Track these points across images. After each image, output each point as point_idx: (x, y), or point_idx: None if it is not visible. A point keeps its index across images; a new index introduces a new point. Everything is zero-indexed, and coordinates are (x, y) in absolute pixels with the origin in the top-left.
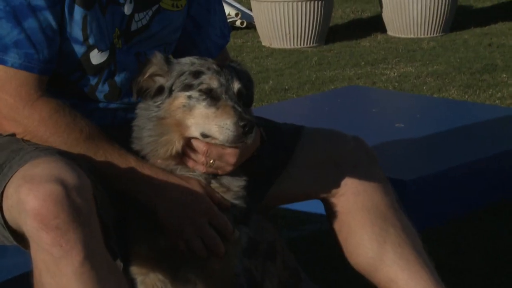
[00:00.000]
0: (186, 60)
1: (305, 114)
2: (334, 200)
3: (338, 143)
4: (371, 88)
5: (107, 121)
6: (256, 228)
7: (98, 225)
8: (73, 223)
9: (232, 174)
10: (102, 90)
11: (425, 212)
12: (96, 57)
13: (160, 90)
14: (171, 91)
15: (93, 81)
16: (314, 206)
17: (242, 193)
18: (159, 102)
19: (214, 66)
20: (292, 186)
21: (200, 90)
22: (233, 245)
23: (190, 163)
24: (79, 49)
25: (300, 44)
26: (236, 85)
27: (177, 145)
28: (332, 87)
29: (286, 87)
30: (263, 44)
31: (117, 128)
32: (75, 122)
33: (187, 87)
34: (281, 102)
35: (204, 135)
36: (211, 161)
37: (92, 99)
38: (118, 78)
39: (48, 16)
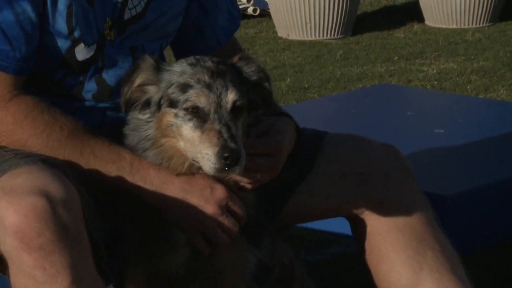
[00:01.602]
0: (178, 67)
1: (328, 117)
2: (361, 218)
3: (366, 151)
4: (406, 87)
5: (95, 122)
6: (269, 251)
7: (88, 244)
8: (59, 243)
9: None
10: (89, 89)
11: (468, 232)
12: (82, 52)
13: (148, 102)
14: (159, 105)
15: (78, 79)
16: (338, 225)
17: (252, 208)
18: (148, 116)
19: (205, 77)
20: (312, 201)
21: (185, 109)
22: (241, 266)
23: None
24: (63, 44)
25: (323, 36)
26: (230, 98)
27: (187, 166)
28: (360, 85)
29: (306, 85)
30: (279, 35)
31: (107, 127)
32: (55, 120)
33: (174, 103)
34: (300, 103)
35: (195, 161)
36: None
37: (79, 99)
38: (107, 75)
39: (27, 7)
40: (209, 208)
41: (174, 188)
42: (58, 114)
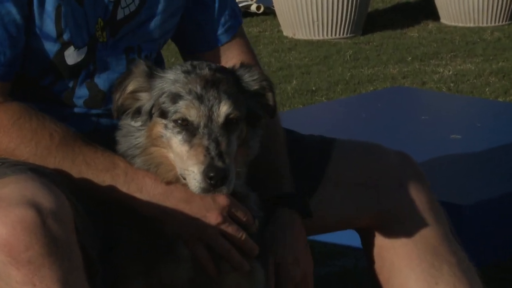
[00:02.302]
0: (171, 74)
1: (336, 122)
2: (372, 230)
3: (378, 159)
4: (420, 90)
5: (87, 129)
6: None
7: (80, 258)
8: (49, 256)
9: (246, 203)
10: (81, 95)
11: (486, 244)
12: (72, 56)
13: (139, 110)
14: (151, 114)
15: (68, 85)
16: (348, 237)
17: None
18: (139, 124)
19: (197, 88)
20: (321, 213)
21: (174, 121)
22: (249, 284)
23: None
24: (51, 48)
25: (331, 35)
26: (223, 111)
27: (173, 175)
28: (371, 88)
29: (313, 88)
30: (284, 34)
31: (100, 134)
32: (44, 126)
33: (164, 113)
34: (306, 107)
35: (183, 178)
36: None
37: (70, 106)
38: (99, 80)
39: (11, 9)
40: (211, 217)
41: (173, 198)
42: (48, 121)
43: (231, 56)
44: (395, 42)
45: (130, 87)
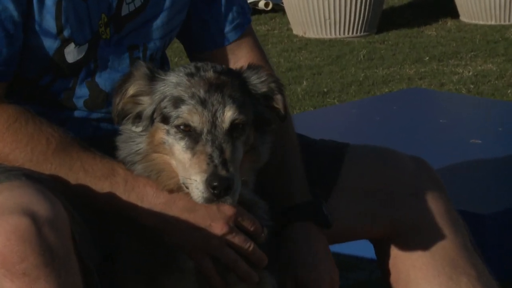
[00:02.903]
0: (174, 76)
1: (349, 125)
2: (387, 240)
3: (392, 165)
4: (438, 92)
5: (87, 134)
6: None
7: (78, 269)
8: (45, 268)
9: (254, 211)
10: (81, 94)
11: (508, 256)
12: (72, 54)
13: (140, 115)
14: (152, 119)
15: (68, 84)
16: (361, 249)
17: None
18: (141, 129)
19: (201, 92)
20: (333, 221)
21: (176, 126)
22: None
23: None
24: (51, 45)
25: (344, 33)
26: (227, 117)
27: (175, 182)
28: (386, 90)
29: (325, 89)
30: (294, 32)
31: (100, 139)
32: (40, 131)
33: (166, 118)
34: (318, 109)
35: (186, 187)
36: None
37: (69, 108)
38: (100, 79)
39: (8, 5)
40: (217, 227)
41: (176, 208)
42: (45, 125)
43: (240, 56)
44: (412, 41)
45: (131, 91)
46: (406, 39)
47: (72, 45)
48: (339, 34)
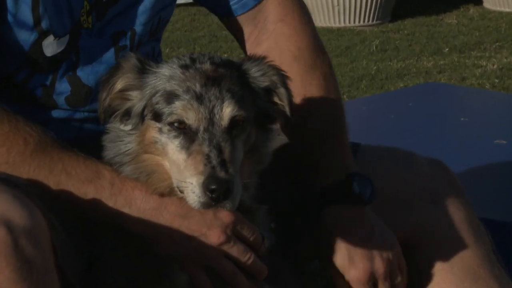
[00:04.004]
0: (167, 69)
1: (359, 124)
2: (403, 249)
3: (408, 169)
4: (459, 87)
5: (70, 136)
6: None
7: (58, 284)
8: (23, 282)
9: (255, 219)
10: (61, 90)
11: None
12: (52, 46)
13: (128, 112)
14: (143, 116)
15: (47, 79)
16: None
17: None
18: (130, 127)
19: (197, 86)
20: None
21: (170, 124)
22: None
23: None
24: (27, 37)
25: (354, 22)
26: (226, 113)
27: (167, 185)
28: (401, 85)
29: None
30: None
31: (84, 140)
32: (17, 130)
33: (158, 115)
34: None
35: (180, 191)
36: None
37: (49, 106)
38: (83, 73)
39: None
40: (213, 236)
41: (168, 214)
42: (22, 123)
43: (266, 14)
44: (430, 30)
45: (119, 85)
46: (424, 28)
47: (51, 37)
48: (349, 22)
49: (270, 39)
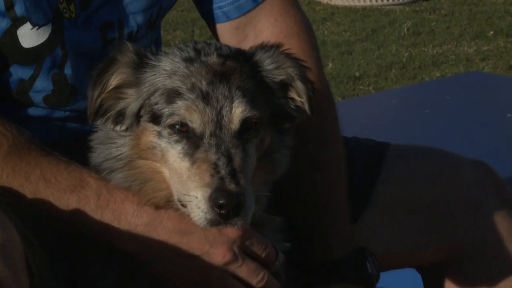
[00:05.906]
0: (168, 62)
1: (389, 120)
2: (438, 269)
3: (447, 172)
4: (505, 77)
5: (50, 136)
6: None
7: None
8: None
9: (266, 231)
10: (41, 88)
11: None
12: (30, 36)
13: (122, 113)
14: (139, 116)
15: (25, 74)
16: (406, 279)
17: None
18: (123, 128)
19: (202, 83)
20: (370, 244)
21: (170, 127)
22: None
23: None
24: None
25: (382, 0)
26: (236, 115)
27: (164, 195)
28: (438, 74)
29: (357, 73)
30: None
31: (66, 142)
32: None
33: (157, 117)
34: (347, 99)
35: (182, 204)
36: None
37: (22, 103)
38: (69, 70)
39: None
40: (217, 254)
41: (163, 229)
42: None
43: (260, 28)
44: (471, 10)
45: (113, 82)
46: (464, 8)
47: (27, 26)
48: (376, 1)
49: None
